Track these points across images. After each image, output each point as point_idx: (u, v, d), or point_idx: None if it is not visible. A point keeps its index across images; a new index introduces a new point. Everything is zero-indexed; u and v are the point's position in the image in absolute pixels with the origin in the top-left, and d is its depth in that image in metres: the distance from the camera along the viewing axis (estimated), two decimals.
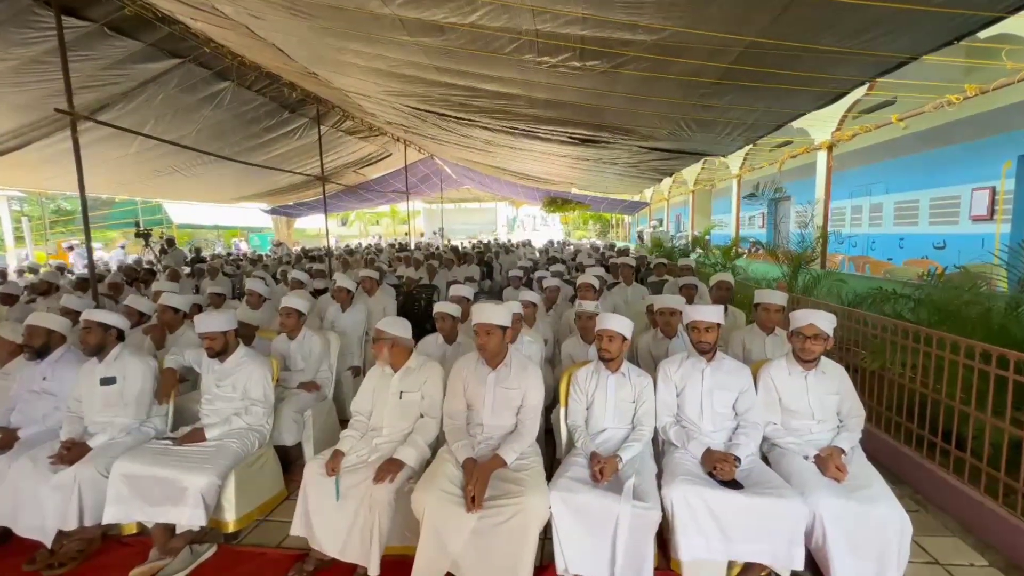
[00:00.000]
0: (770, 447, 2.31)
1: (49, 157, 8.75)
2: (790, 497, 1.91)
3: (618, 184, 13.97)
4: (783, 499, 1.91)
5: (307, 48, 5.92)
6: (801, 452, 2.16)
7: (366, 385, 2.47)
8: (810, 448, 2.17)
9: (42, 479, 2.26)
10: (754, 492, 1.96)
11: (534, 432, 2.24)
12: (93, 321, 2.52)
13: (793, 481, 2.01)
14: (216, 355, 2.62)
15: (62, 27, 5.15)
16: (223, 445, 2.43)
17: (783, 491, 1.94)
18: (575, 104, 5.88)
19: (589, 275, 3.93)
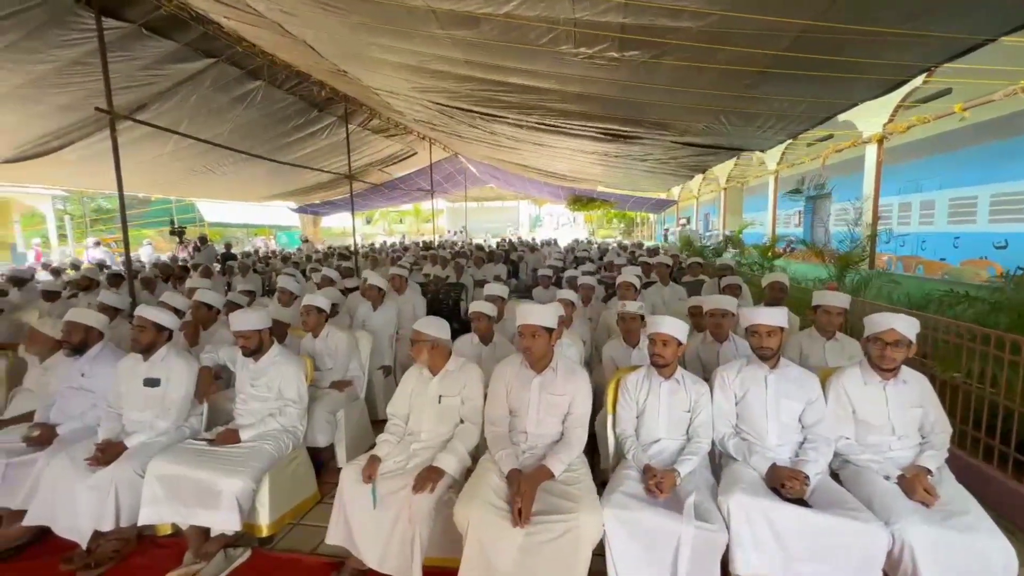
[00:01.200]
0: (842, 464, 2.11)
1: (89, 157, 9.01)
2: (868, 520, 1.72)
3: (646, 181, 13.67)
4: (859, 522, 1.71)
5: (338, 45, 5.89)
6: (881, 471, 1.96)
7: (403, 388, 2.37)
8: (891, 467, 1.96)
9: (79, 478, 2.23)
10: (825, 511, 1.77)
11: (582, 442, 2.09)
12: (148, 320, 2.48)
13: (874, 504, 1.81)
14: (250, 354, 2.56)
15: (102, 28, 5.24)
16: (257, 447, 2.36)
17: (860, 513, 1.75)
18: (608, 98, 5.69)
19: (628, 274, 3.76)
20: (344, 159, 12.57)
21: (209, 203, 19.16)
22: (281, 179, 14.36)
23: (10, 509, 2.35)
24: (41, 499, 2.23)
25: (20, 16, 5.20)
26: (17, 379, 3.06)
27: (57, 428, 2.50)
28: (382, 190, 18.27)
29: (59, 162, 9.06)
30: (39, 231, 18.61)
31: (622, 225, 33.91)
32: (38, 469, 2.33)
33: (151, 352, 2.54)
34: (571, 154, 10.39)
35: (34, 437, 2.43)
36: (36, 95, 6.67)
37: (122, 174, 5.24)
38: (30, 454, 2.40)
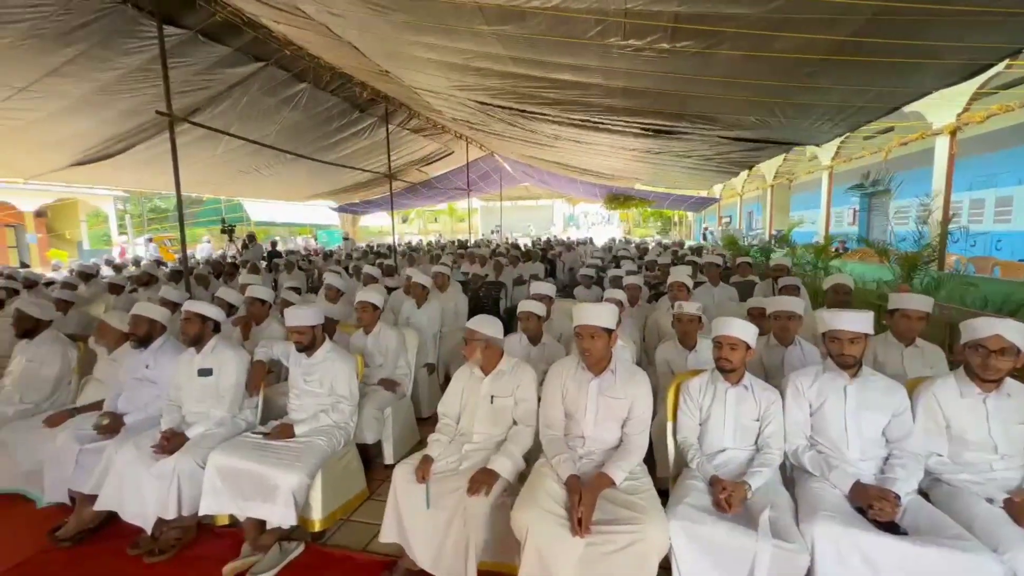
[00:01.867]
0: (932, 483, 1.92)
1: (147, 159, 9.48)
2: (976, 551, 1.54)
3: (688, 179, 13.26)
4: (965, 552, 1.54)
5: (382, 44, 5.95)
6: (983, 494, 1.77)
7: (453, 387, 2.33)
8: (994, 489, 1.77)
9: (144, 466, 2.30)
10: (923, 540, 1.60)
11: (643, 448, 1.99)
12: (193, 312, 2.56)
13: (975, 530, 1.63)
14: (304, 349, 2.59)
15: (163, 35, 5.49)
16: (311, 442, 2.38)
17: (965, 542, 1.57)
18: (656, 92, 5.51)
19: (680, 273, 3.61)
20: (383, 159, 12.85)
21: (255, 202, 19.94)
22: (323, 179, 14.76)
23: (83, 493, 2.46)
24: (110, 485, 2.32)
25: (91, 26, 5.50)
26: (87, 369, 3.22)
27: (124, 417, 2.60)
28: (419, 189, 18.52)
29: (121, 164, 9.59)
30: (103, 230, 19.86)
31: (659, 224, 33.22)
32: (108, 456, 2.43)
33: (200, 344, 2.61)
34: (611, 151, 10.18)
35: (104, 425, 2.54)
36: (103, 101, 7.07)
37: (171, 174, 5.49)
38: (101, 441, 2.50)
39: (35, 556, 2.33)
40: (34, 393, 2.98)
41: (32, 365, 3.02)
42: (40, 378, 3.01)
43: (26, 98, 6.50)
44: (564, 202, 36.19)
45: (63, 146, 8.40)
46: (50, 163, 9.10)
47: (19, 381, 2.99)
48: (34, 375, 3.01)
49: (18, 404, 2.92)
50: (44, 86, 6.33)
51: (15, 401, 2.92)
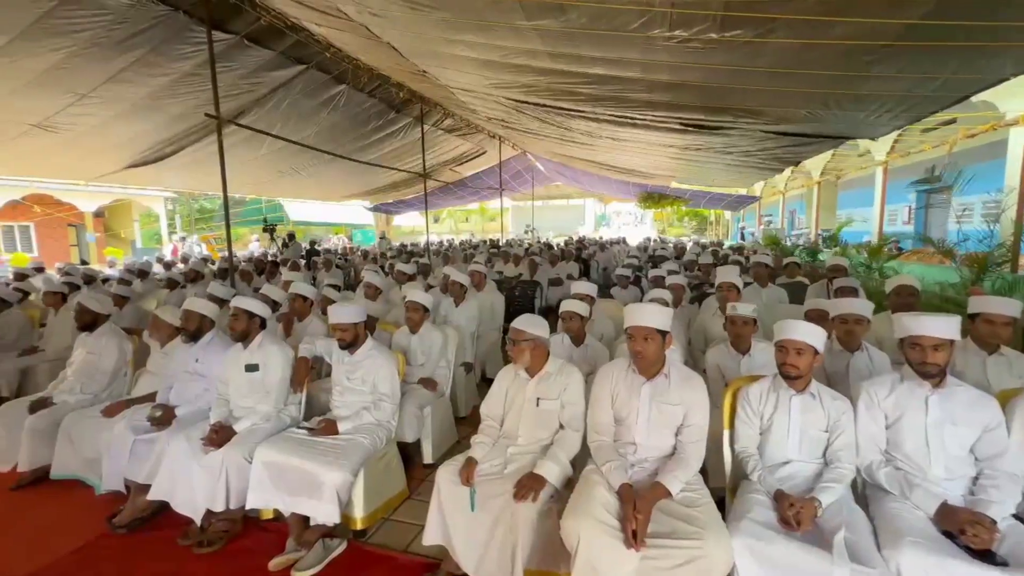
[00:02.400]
0: None
1: (194, 162, 9.87)
2: None
3: (727, 176, 12.82)
4: None
5: (421, 43, 5.97)
6: None
7: (497, 389, 2.27)
8: None
9: (195, 459, 2.35)
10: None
11: (700, 458, 1.87)
12: (241, 309, 2.60)
13: None
14: (346, 346, 2.59)
15: (212, 40, 5.68)
16: (354, 440, 2.37)
17: None
18: (699, 85, 5.31)
19: (730, 273, 3.44)
20: (418, 159, 13.01)
21: (294, 202, 20.56)
22: (359, 179, 15.07)
23: (137, 482, 2.53)
24: (163, 476, 2.38)
25: (146, 34, 5.75)
26: (141, 361, 3.34)
27: (175, 410, 2.67)
28: (451, 188, 18.66)
29: (170, 166, 10.03)
30: (154, 229, 20.91)
31: (694, 223, 32.41)
32: (160, 447, 2.50)
33: (247, 340, 2.65)
34: (647, 148, 9.95)
35: (157, 417, 2.61)
36: (155, 105, 7.40)
37: (218, 175, 5.68)
38: (154, 432, 2.57)
39: (94, 541, 2.41)
40: (93, 384, 3.11)
41: (91, 357, 3.15)
42: (98, 370, 3.14)
43: (88, 103, 6.86)
44: (596, 201, 35.80)
45: (120, 149, 8.86)
46: (108, 165, 9.62)
47: (79, 372, 3.13)
48: (93, 367, 3.14)
49: (79, 394, 3.05)
50: (104, 92, 6.66)
51: (76, 391, 3.05)
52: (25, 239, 16.64)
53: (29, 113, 6.84)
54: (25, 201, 14.71)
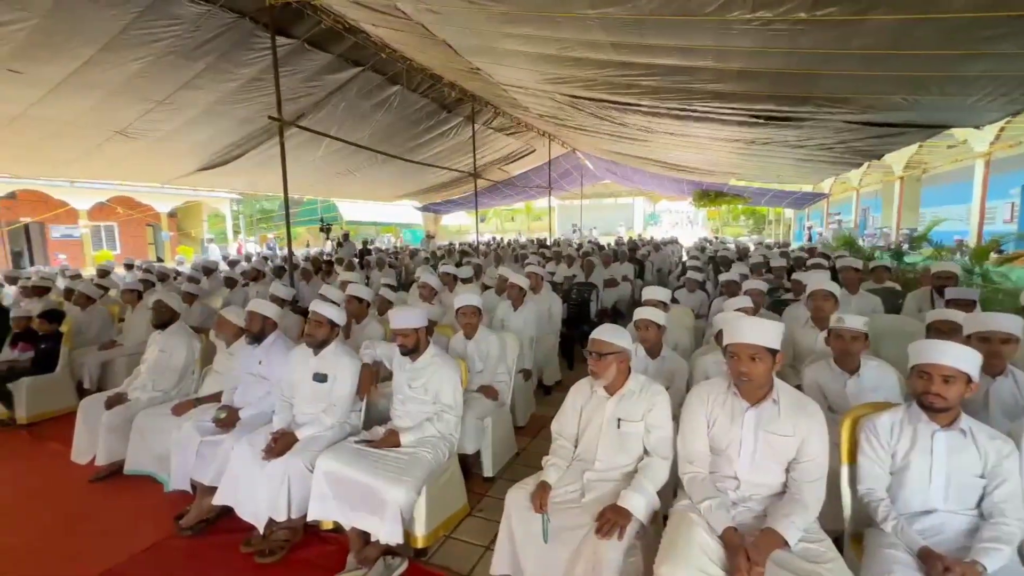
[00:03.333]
0: None
1: (257, 164, 10.27)
2: None
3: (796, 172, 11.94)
4: None
5: (477, 39, 5.86)
6: None
7: (571, 405, 2.07)
8: None
9: (257, 466, 2.31)
10: None
11: (820, 500, 1.59)
12: (323, 316, 2.53)
13: None
14: (408, 353, 2.47)
15: (276, 45, 5.81)
16: (417, 455, 2.24)
17: None
18: (779, 72, 4.87)
19: (822, 279, 3.07)
20: (467, 158, 13.03)
21: (346, 203, 21.21)
22: (409, 179, 15.31)
23: (203, 484, 2.53)
24: (228, 481, 2.35)
25: (215, 41, 5.98)
26: (207, 360, 3.39)
27: (240, 412, 2.65)
28: (499, 188, 18.62)
29: (235, 169, 10.50)
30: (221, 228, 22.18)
31: (751, 222, 30.83)
32: (225, 450, 2.48)
33: (322, 347, 2.57)
34: (708, 143, 9.41)
35: (222, 419, 2.60)
36: (222, 110, 7.73)
37: (280, 177, 5.82)
38: (220, 434, 2.56)
39: (162, 542, 2.43)
40: (163, 381, 3.18)
41: (163, 355, 3.22)
42: (169, 367, 3.21)
43: (162, 110, 7.25)
44: (645, 200, 34.76)
45: (191, 153, 9.36)
46: (181, 168, 10.19)
47: (152, 369, 3.21)
48: (164, 364, 3.21)
49: (151, 391, 3.12)
50: (177, 98, 7.01)
51: (148, 388, 3.13)
52: (110, 238, 18.09)
53: (112, 121, 7.31)
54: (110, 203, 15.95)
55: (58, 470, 3.15)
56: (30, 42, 5.13)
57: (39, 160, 8.81)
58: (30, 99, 6.30)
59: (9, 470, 3.24)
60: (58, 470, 3.15)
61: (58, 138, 7.58)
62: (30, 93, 6.20)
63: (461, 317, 3.05)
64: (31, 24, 4.82)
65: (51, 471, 3.17)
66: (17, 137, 7.33)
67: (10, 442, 3.66)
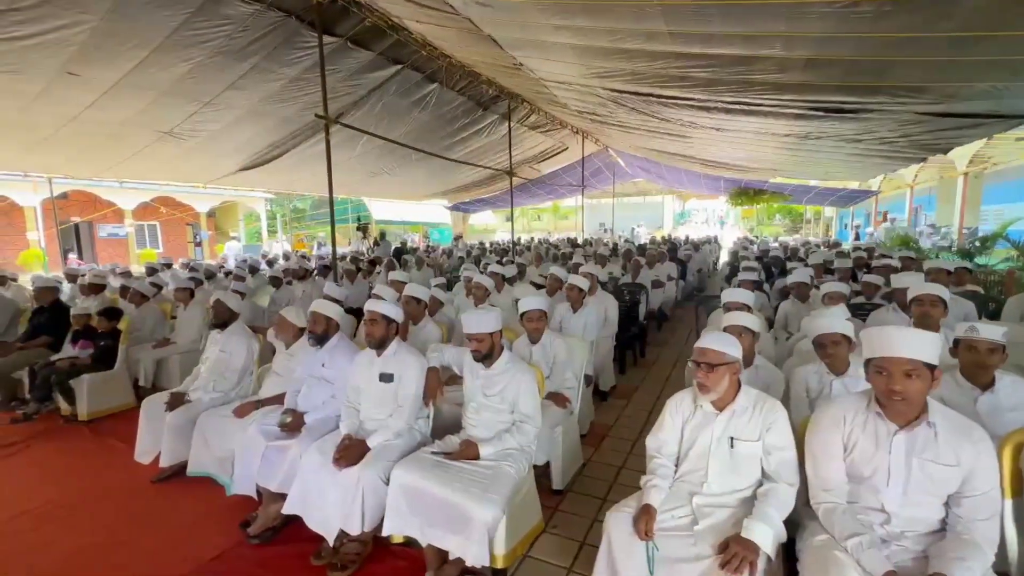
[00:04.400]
0: None
1: (294, 164, 10.35)
2: None
3: (846, 168, 11.40)
4: None
5: (524, 32, 5.70)
6: None
7: (670, 421, 1.89)
8: None
9: (328, 474, 2.21)
10: None
11: (995, 543, 1.37)
12: (378, 313, 2.42)
13: None
14: (482, 358, 2.32)
15: (323, 44, 5.79)
16: (500, 469, 2.10)
17: None
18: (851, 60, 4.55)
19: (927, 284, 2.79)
20: (499, 156, 12.93)
21: (377, 202, 21.40)
22: (441, 178, 15.32)
23: (269, 490, 2.45)
24: (296, 490, 2.26)
25: (262, 40, 5.99)
26: (262, 360, 3.34)
27: (305, 416, 2.57)
28: (528, 186, 18.47)
29: (274, 169, 10.62)
30: (256, 227, 22.70)
31: (787, 221, 29.84)
32: (292, 456, 2.39)
33: (383, 347, 2.46)
34: (755, 138, 9.03)
35: (287, 423, 2.52)
36: (265, 110, 7.80)
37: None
38: (286, 439, 2.48)
39: (230, 550, 2.36)
40: (223, 382, 3.14)
41: (224, 355, 3.18)
42: (229, 368, 3.16)
43: (209, 111, 7.35)
44: (674, 198, 34.03)
45: (234, 153, 9.51)
46: (223, 169, 10.38)
47: (212, 370, 3.17)
48: (224, 365, 3.17)
49: (212, 392, 3.08)
50: (222, 99, 7.09)
51: (209, 389, 3.09)
52: (152, 237, 18.71)
53: (161, 122, 7.45)
54: (153, 203, 16.47)
55: (121, 469, 3.14)
56: (88, 45, 5.23)
57: (93, 161, 9.09)
58: (85, 101, 6.46)
59: (76, 467, 3.26)
60: (121, 469, 3.14)
61: (110, 139, 7.79)
62: (86, 96, 6.35)
63: (527, 322, 2.90)
64: (90, 27, 4.90)
65: (114, 470, 3.16)
66: (73, 138, 7.55)
67: (74, 438, 3.70)
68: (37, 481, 3.09)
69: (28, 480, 3.11)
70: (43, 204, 13.72)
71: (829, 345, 2.12)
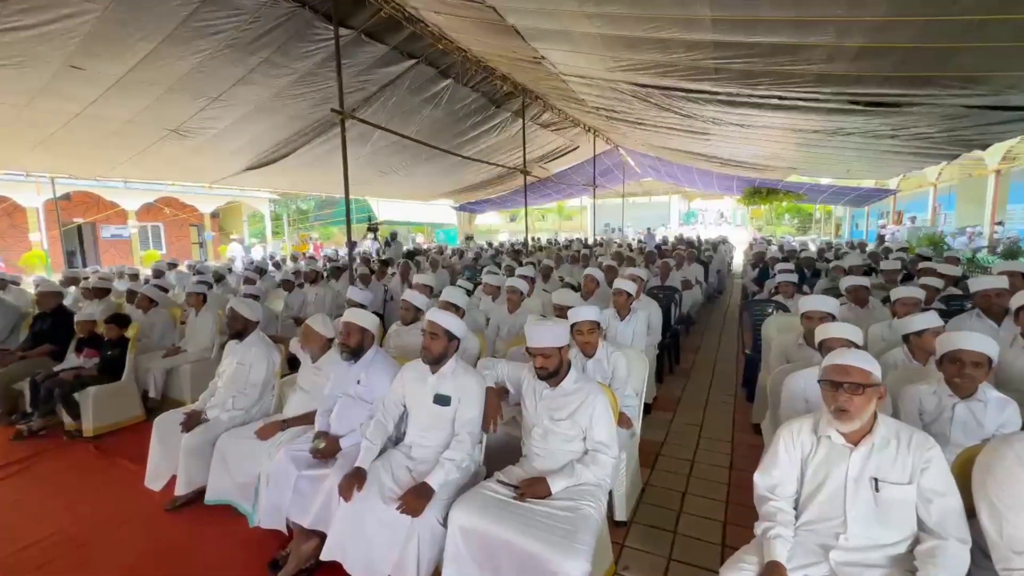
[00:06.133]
0: None
1: (303, 164, 10.05)
2: None
3: (870, 166, 11.08)
4: None
5: (551, 22, 5.42)
6: None
7: (784, 454, 1.59)
8: None
9: (373, 512, 1.91)
10: None
11: None
12: (441, 328, 2.12)
13: None
14: (548, 376, 2.03)
15: (339, 36, 5.51)
16: (582, 511, 1.79)
17: None
18: (909, 48, 4.26)
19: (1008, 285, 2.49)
20: (508, 156, 12.67)
21: (381, 202, 21.11)
22: (450, 178, 15.07)
23: (301, 526, 2.16)
24: (337, 532, 1.96)
25: (274, 32, 5.71)
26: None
27: (340, 441, 2.28)
28: (537, 186, 18.20)
29: (281, 168, 10.33)
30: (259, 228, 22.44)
31: (796, 221, 29.52)
32: (328, 488, 2.10)
33: (439, 364, 2.16)
34: (779, 134, 8.75)
35: (321, 450, 2.23)
36: (274, 107, 7.51)
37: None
38: (320, 468, 2.19)
39: None
40: (243, 399, 2.85)
41: (242, 369, 2.89)
42: (249, 383, 2.87)
43: (217, 107, 7.07)
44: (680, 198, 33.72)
45: (241, 152, 9.23)
46: (229, 168, 10.10)
47: (230, 384, 2.88)
48: (243, 379, 2.88)
49: (231, 410, 2.79)
50: (231, 95, 6.81)
51: (228, 406, 2.80)
52: (156, 238, 18.44)
53: (167, 119, 7.18)
54: (157, 203, 16.21)
55: (133, 493, 2.85)
56: (93, 36, 4.96)
57: (96, 160, 8.82)
58: (90, 97, 6.18)
59: (84, 491, 2.96)
60: (133, 493, 2.85)
61: (115, 137, 7.52)
62: (90, 91, 6.08)
63: (578, 335, 2.59)
64: (95, 16, 4.62)
65: (125, 494, 2.87)
66: (77, 136, 7.28)
67: (79, 457, 3.40)
68: (44, 507, 2.80)
69: (34, 505, 2.82)
70: (45, 205, 13.46)
71: (969, 365, 1.82)
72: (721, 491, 2.77)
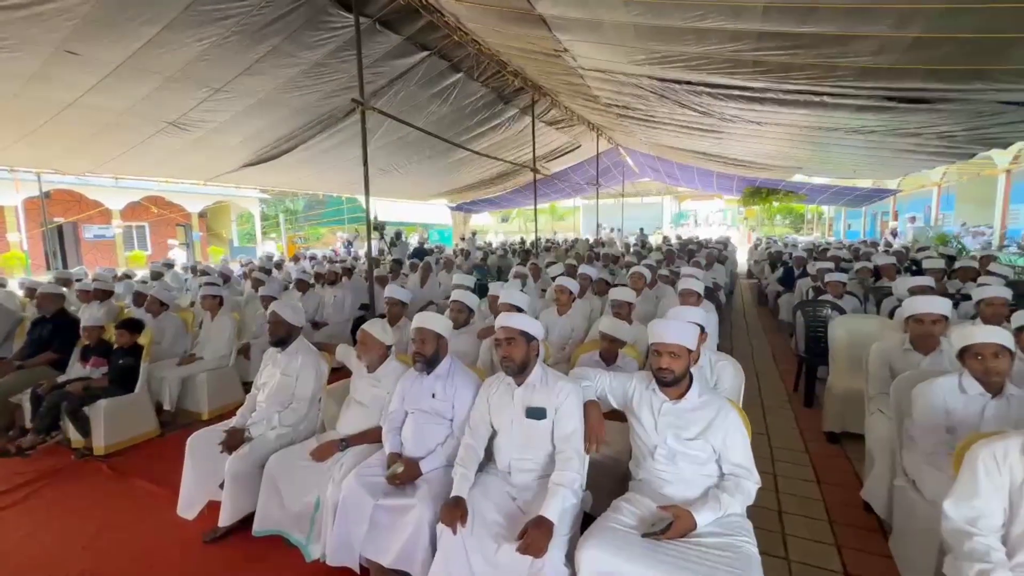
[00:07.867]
0: None
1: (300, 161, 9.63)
2: None
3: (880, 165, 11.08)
4: None
5: (584, 11, 5.19)
6: None
7: (987, 481, 1.35)
8: None
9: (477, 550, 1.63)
10: None
11: None
12: (516, 330, 1.85)
13: None
14: (669, 384, 1.76)
15: (359, 24, 5.21)
16: (739, 548, 1.50)
17: None
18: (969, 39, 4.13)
19: None
20: (512, 154, 12.45)
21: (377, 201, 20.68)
22: (450, 177, 14.78)
23: (380, 565, 1.87)
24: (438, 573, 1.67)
25: (286, 19, 5.37)
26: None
27: (420, 464, 1.99)
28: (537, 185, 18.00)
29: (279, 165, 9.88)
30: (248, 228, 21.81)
31: (788, 221, 29.85)
32: (413, 521, 1.82)
33: (524, 372, 1.90)
34: (797, 132, 8.65)
35: (400, 474, 1.94)
36: (279, 99, 7.14)
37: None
38: (400, 497, 1.90)
39: None
40: (290, 414, 2.54)
41: (287, 380, 2.58)
42: (296, 396, 2.56)
43: (219, 99, 6.69)
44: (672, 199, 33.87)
45: (240, 148, 8.81)
46: (226, 164, 9.64)
47: (274, 398, 2.57)
48: (289, 392, 2.57)
49: (278, 427, 2.47)
50: (236, 85, 6.44)
51: (275, 423, 2.48)
52: (141, 238, 17.74)
53: (168, 109, 6.76)
54: (143, 203, 15.57)
55: (162, 524, 2.51)
56: (92, 18, 4.57)
57: (87, 154, 8.30)
58: (85, 85, 5.75)
59: (105, 521, 2.60)
60: (162, 524, 2.51)
61: (109, 130, 7.06)
62: (85, 79, 5.66)
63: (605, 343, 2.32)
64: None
65: (154, 524, 2.53)
66: (68, 128, 6.81)
67: (93, 479, 3.04)
68: (63, 541, 2.44)
69: (51, 539, 2.46)
70: (25, 203, 12.77)
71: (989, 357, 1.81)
72: (818, 509, 2.55)
